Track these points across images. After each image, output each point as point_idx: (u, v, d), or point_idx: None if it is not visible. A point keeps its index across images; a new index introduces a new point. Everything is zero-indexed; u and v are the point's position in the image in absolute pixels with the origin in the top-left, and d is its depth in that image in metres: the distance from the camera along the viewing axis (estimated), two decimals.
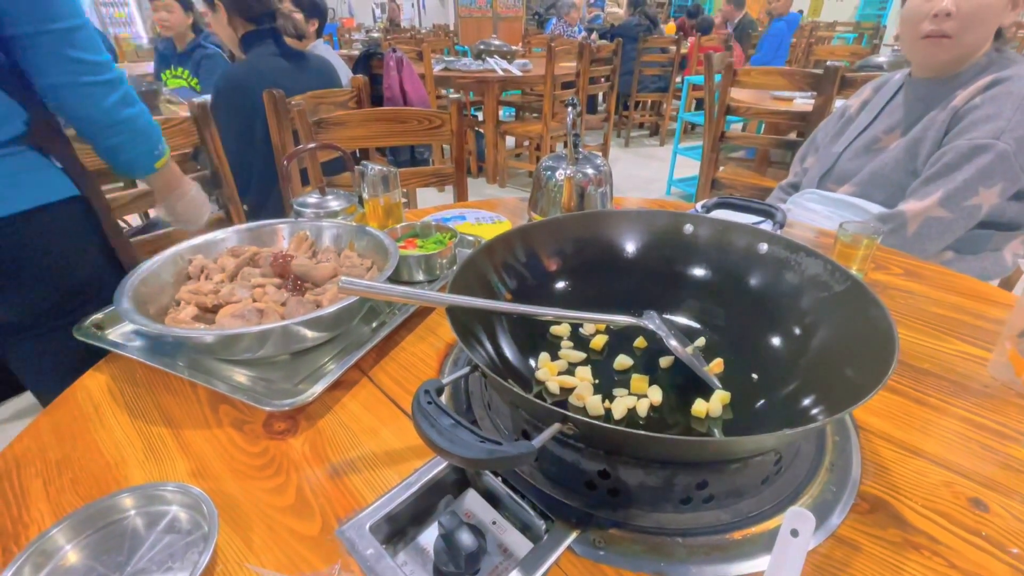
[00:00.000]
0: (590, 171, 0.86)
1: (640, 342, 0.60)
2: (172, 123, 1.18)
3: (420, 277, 0.80)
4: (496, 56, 3.73)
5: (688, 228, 0.65)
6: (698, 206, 0.91)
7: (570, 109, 0.80)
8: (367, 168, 0.87)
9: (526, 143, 4.10)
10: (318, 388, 0.56)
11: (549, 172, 0.87)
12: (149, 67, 2.95)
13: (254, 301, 0.64)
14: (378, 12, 10.00)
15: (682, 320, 0.64)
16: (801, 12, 4.40)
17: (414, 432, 0.37)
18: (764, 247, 0.61)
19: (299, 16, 2.05)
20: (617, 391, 0.53)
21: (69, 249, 0.80)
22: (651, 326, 0.56)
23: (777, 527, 0.36)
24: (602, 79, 3.59)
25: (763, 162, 2.42)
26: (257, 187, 1.65)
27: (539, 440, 0.36)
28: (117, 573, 0.39)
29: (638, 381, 0.53)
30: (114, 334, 0.66)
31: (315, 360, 0.63)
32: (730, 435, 0.48)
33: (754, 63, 4.28)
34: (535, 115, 4.14)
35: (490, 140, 3.53)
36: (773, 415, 0.49)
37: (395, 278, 0.78)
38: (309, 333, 0.61)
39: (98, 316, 0.67)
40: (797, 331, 0.55)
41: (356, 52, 3.03)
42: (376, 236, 0.74)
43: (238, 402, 0.56)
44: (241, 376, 0.60)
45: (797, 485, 0.46)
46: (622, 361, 0.57)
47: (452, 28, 8.16)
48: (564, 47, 3.36)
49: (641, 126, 5.30)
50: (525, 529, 0.44)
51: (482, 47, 3.95)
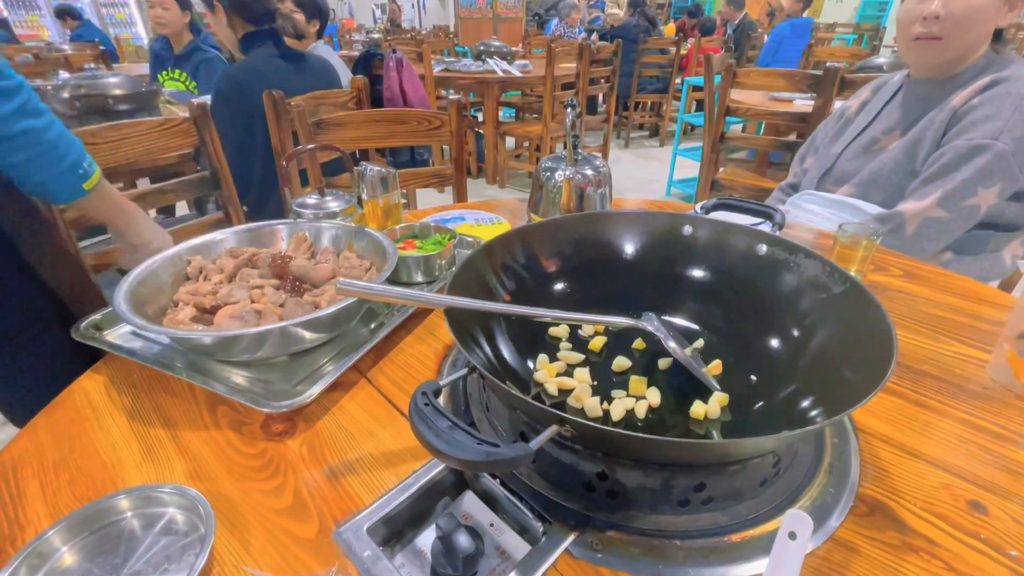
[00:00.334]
0: (589, 172, 0.86)
1: (639, 344, 0.60)
2: (171, 124, 1.18)
3: (419, 278, 0.80)
4: (496, 57, 3.74)
5: (687, 229, 0.65)
6: (697, 207, 0.90)
7: (569, 111, 0.80)
8: (366, 169, 0.87)
9: (526, 144, 4.10)
10: (316, 389, 0.55)
11: (548, 173, 0.87)
12: (148, 68, 2.94)
13: (252, 302, 0.64)
14: (378, 13, 10.02)
15: (681, 321, 0.64)
16: (812, 20, 4.31)
17: (412, 434, 0.37)
18: (763, 248, 0.61)
19: (300, 17, 2.05)
20: (615, 393, 0.53)
21: None
22: (650, 327, 0.56)
23: (775, 529, 0.35)
24: (602, 80, 3.60)
25: (763, 163, 2.42)
26: (257, 188, 1.65)
27: (536, 442, 0.36)
28: (113, 575, 0.39)
29: (637, 383, 0.52)
30: (112, 335, 0.66)
31: (313, 361, 0.63)
32: (729, 437, 0.48)
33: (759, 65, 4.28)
34: (535, 116, 4.16)
35: (490, 141, 3.53)
36: (772, 417, 0.49)
37: (394, 279, 0.78)
38: (307, 334, 0.61)
39: (96, 317, 0.67)
40: (796, 333, 0.55)
41: (356, 53, 3.04)
42: (375, 237, 0.74)
43: (236, 403, 0.56)
44: (239, 377, 0.60)
45: (796, 487, 0.46)
46: (621, 362, 0.57)
47: (452, 29, 8.17)
48: (564, 48, 3.36)
49: (641, 127, 5.31)
50: (523, 531, 0.44)
51: (482, 48, 3.95)
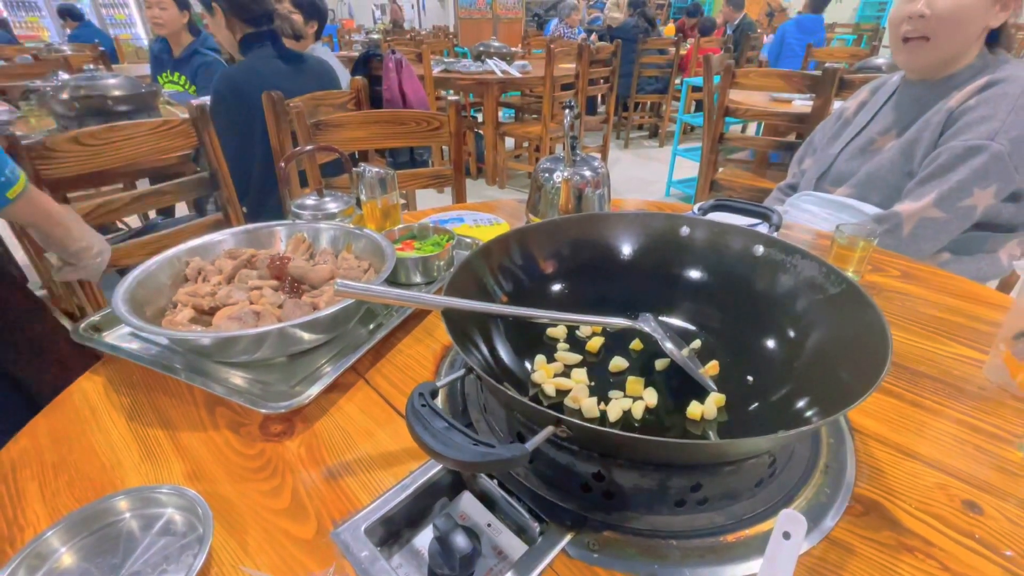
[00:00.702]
0: (587, 173, 0.86)
1: (636, 344, 0.60)
2: (171, 125, 1.18)
3: (417, 279, 0.80)
4: (495, 58, 3.74)
5: (684, 230, 0.65)
6: (695, 208, 0.91)
7: (567, 112, 0.80)
8: (365, 170, 0.87)
9: (525, 144, 4.11)
10: (314, 390, 0.56)
11: (547, 174, 0.87)
12: (148, 69, 2.93)
13: (251, 303, 0.64)
14: (378, 13, 10.02)
15: (678, 322, 0.64)
16: (822, 17, 4.23)
17: (409, 434, 0.37)
18: (760, 249, 0.61)
19: (298, 18, 2.05)
20: (613, 393, 0.53)
21: None
22: (647, 328, 0.56)
23: (771, 529, 0.36)
24: (601, 80, 3.60)
25: (762, 163, 2.42)
26: (256, 189, 1.65)
27: (532, 443, 0.37)
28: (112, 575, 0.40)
29: (634, 383, 0.53)
30: (111, 336, 0.66)
31: (312, 362, 0.63)
32: (725, 437, 0.48)
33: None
34: (534, 116, 4.16)
35: (489, 141, 3.53)
36: (768, 417, 0.49)
37: (392, 280, 0.78)
38: (306, 335, 0.61)
39: (95, 318, 0.67)
40: (792, 333, 0.56)
41: (356, 53, 3.03)
42: (373, 238, 0.75)
43: (234, 404, 0.57)
44: (238, 378, 0.60)
45: (791, 487, 0.47)
46: (618, 363, 0.57)
47: (452, 29, 8.17)
48: (563, 49, 3.36)
49: (640, 127, 5.31)
50: (520, 531, 0.44)
51: (482, 49, 3.96)
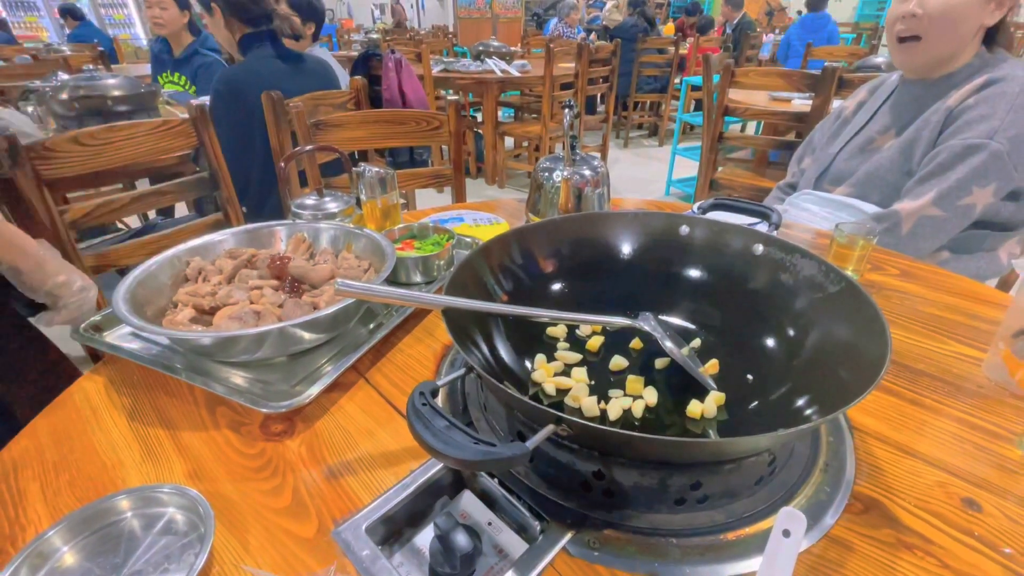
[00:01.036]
0: (587, 172, 0.86)
1: (636, 343, 0.60)
2: (170, 125, 1.18)
3: (417, 279, 0.80)
4: (495, 57, 3.74)
5: (684, 230, 0.66)
6: (694, 207, 0.91)
7: (566, 111, 0.80)
8: (364, 170, 0.87)
9: (525, 144, 4.11)
10: (315, 390, 0.56)
11: (546, 173, 0.87)
12: (148, 68, 2.93)
13: (251, 303, 0.64)
14: (377, 13, 10.01)
15: (678, 321, 0.64)
16: (826, 13, 4.19)
17: (410, 434, 0.38)
18: (759, 248, 0.61)
19: (295, 19, 2.05)
20: (613, 392, 0.53)
21: None
22: (646, 327, 0.56)
23: (771, 528, 0.36)
24: (601, 80, 3.60)
25: (761, 162, 2.42)
26: (256, 189, 1.65)
27: (532, 441, 0.37)
28: (113, 575, 0.40)
29: (633, 382, 0.53)
30: (112, 336, 0.66)
31: (312, 362, 0.63)
32: (725, 436, 0.48)
33: None
34: (534, 116, 4.15)
35: (489, 141, 3.53)
36: (768, 416, 0.50)
37: (393, 280, 0.78)
38: (306, 335, 0.61)
39: (96, 318, 0.67)
40: (792, 332, 0.56)
41: (355, 53, 3.03)
42: (373, 238, 0.75)
43: (235, 404, 0.57)
44: (238, 378, 0.60)
45: (791, 486, 0.47)
46: (618, 362, 0.57)
47: (451, 29, 8.17)
48: (563, 48, 3.36)
49: (640, 127, 5.31)
50: (520, 530, 0.44)
51: (481, 48, 3.96)
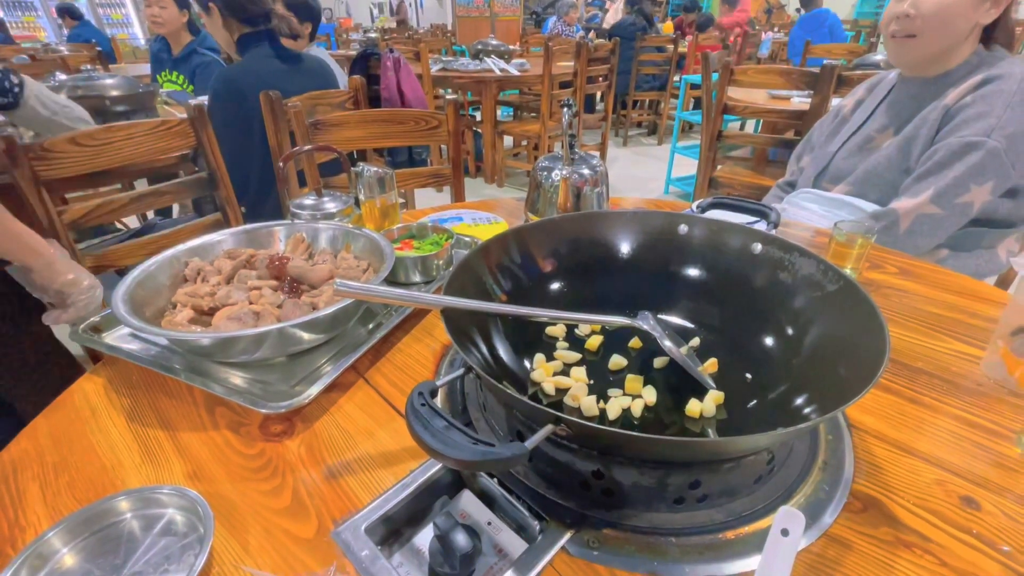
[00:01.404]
0: (586, 171, 0.86)
1: (635, 342, 0.60)
2: (168, 125, 1.18)
3: (416, 278, 0.80)
4: (494, 56, 3.73)
5: (683, 228, 0.66)
6: (693, 206, 0.91)
7: (565, 110, 0.81)
8: (363, 170, 0.87)
9: (524, 143, 4.10)
10: (314, 390, 0.56)
11: (545, 173, 0.87)
12: (146, 68, 2.93)
13: (250, 303, 0.64)
14: (376, 12, 10.00)
15: (677, 320, 0.64)
16: (824, 8, 4.18)
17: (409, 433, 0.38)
18: (758, 247, 0.61)
19: (293, 18, 2.04)
20: (612, 391, 0.53)
21: None
22: (645, 327, 0.56)
23: (770, 526, 0.36)
24: (600, 78, 3.60)
25: (761, 161, 2.42)
26: (255, 189, 1.65)
27: (531, 441, 0.37)
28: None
29: (632, 381, 0.53)
30: (111, 337, 0.66)
31: (312, 362, 0.63)
32: (724, 435, 0.48)
33: None
34: (533, 115, 4.15)
35: (488, 140, 3.53)
36: (767, 414, 0.50)
37: (392, 279, 0.78)
38: (305, 335, 0.61)
39: (95, 319, 0.67)
40: (790, 331, 0.56)
41: (354, 53, 3.03)
42: (372, 238, 0.75)
43: (234, 404, 0.57)
44: (237, 378, 0.60)
45: (790, 484, 0.47)
46: (617, 361, 0.57)
47: (450, 28, 8.16)
48: (562, 47, 3.36)
49: (639, 125, 5.31)
50: (520, 529, 0.44)
51: (480, 47, 3.95)
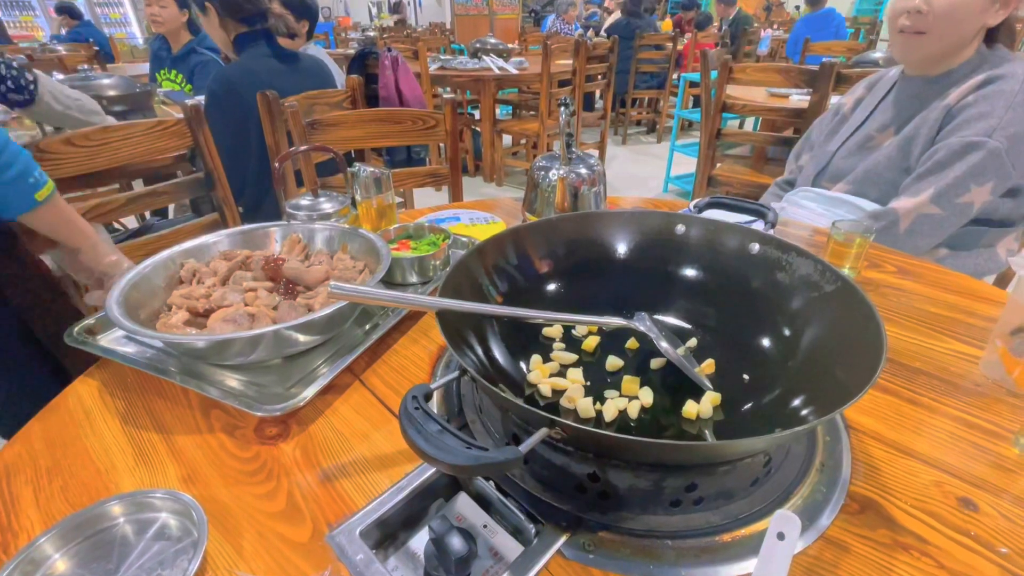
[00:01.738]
0: (583, 171, 0.85)
1: (632, 343, 0.60)
2: (165, 125, 1.17)
3: (413, 279, 0.80)
4: (492, 54, 3.73)
5: (680, 228, 0.65)
6: (690, 206, 0.90)
7: (563, 109, 0.80)
8: (360, 170, 0.87)
9: (523, 141, 4.09)
10: (309, 392, 0.55)
11: (542, 172, 0.86)
12: (143, 68, 2.92)
13: (246, 305, 0.64)
14: (375, 11, 9.99)
15: (673, 321, 0.64)
16: (831, 8, 4.18)
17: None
18: (756, 247, 0.61)
19: (290, 17, 2.04)
20: (608, 393, 0.53)
21: None
22: (642, 328, 0.56)
23: (767, 529, 0.36)
24: (598, 76, 3.59)
25: (760, 159, 2.42)
26: (252, 189, 1.64)
27: (526, 445, 0.36)
28: None
29: (629, 383, 0.53)
30: (105, 339, 0.66)
31: (307, 364, 0.63)
32: (721, 436, 0.48)
33: None
34: (532, 113, 4.14)
35: (487, 139, 3.52)
36: (764, 416, 0.49)
37: (388, 280, 0.78)
38: (301, 337, 0.60)
39: (90, 321, 0.67)
40: (788, 331, 0.55)
41: (353, 51, 3.02)
42: (369, 238, 0.74)
43: (230, 407, 0.56)
44: (233, 381, 0.60)
45: (787, 486, 0.46)
46: (613, 362, 0.57)
47: (448, 26, 8.14)
48: (560, 45, 3.35)
49: (638, 123, 5.30)
50: (516, 532, 0.44)
51: (478, 45, 3.94)
